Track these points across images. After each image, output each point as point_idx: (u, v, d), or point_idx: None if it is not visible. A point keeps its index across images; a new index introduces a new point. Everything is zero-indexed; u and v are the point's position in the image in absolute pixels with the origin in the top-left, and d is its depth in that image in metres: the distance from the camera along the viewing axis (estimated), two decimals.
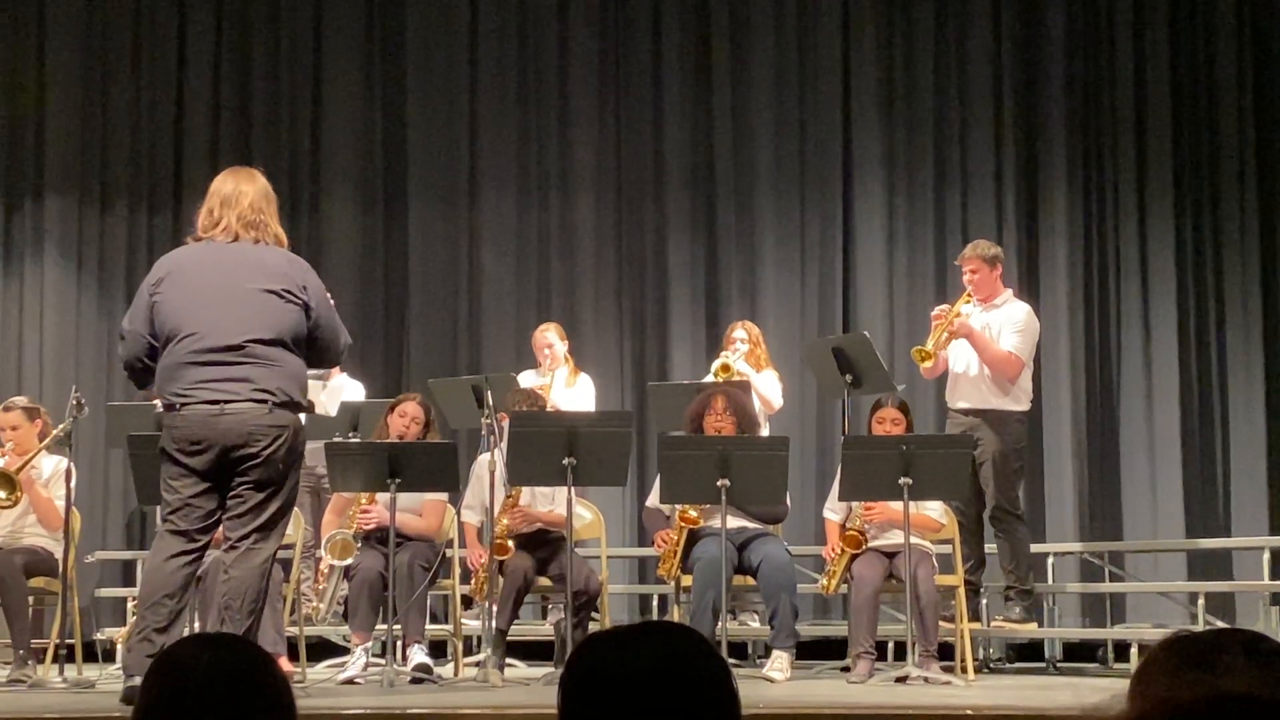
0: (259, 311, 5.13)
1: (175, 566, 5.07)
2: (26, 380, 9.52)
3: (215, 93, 10.06)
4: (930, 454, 6.46)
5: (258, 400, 5.06)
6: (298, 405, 5.18)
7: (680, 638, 1.87)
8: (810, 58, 10.03)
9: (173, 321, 5.13)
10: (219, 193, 5.29)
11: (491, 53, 10.13)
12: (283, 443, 5.09)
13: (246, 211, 5.23)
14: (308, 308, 5.22)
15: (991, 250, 7.62)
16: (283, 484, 5.16)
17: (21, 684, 6.29)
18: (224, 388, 5.06)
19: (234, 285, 5.14)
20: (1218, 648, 1.68)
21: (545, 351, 8.55)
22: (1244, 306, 9.69)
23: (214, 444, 5.05)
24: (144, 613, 5.07)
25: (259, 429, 5.06)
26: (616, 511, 9.07)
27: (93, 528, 9.00)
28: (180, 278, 5.19)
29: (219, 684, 1.95)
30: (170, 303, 5.15)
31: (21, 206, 9.89)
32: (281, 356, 5.14)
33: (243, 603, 5.05)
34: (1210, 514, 9.48)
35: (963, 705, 5.43)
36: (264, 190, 5.33)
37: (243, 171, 5.45)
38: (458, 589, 7.08)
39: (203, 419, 5.05)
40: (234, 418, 5.04)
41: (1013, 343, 7.42)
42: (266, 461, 5.07)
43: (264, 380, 5.08)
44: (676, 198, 9.99)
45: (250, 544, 5.10)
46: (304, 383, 5.25)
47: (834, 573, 6.79)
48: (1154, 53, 9.89)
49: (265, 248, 5.24)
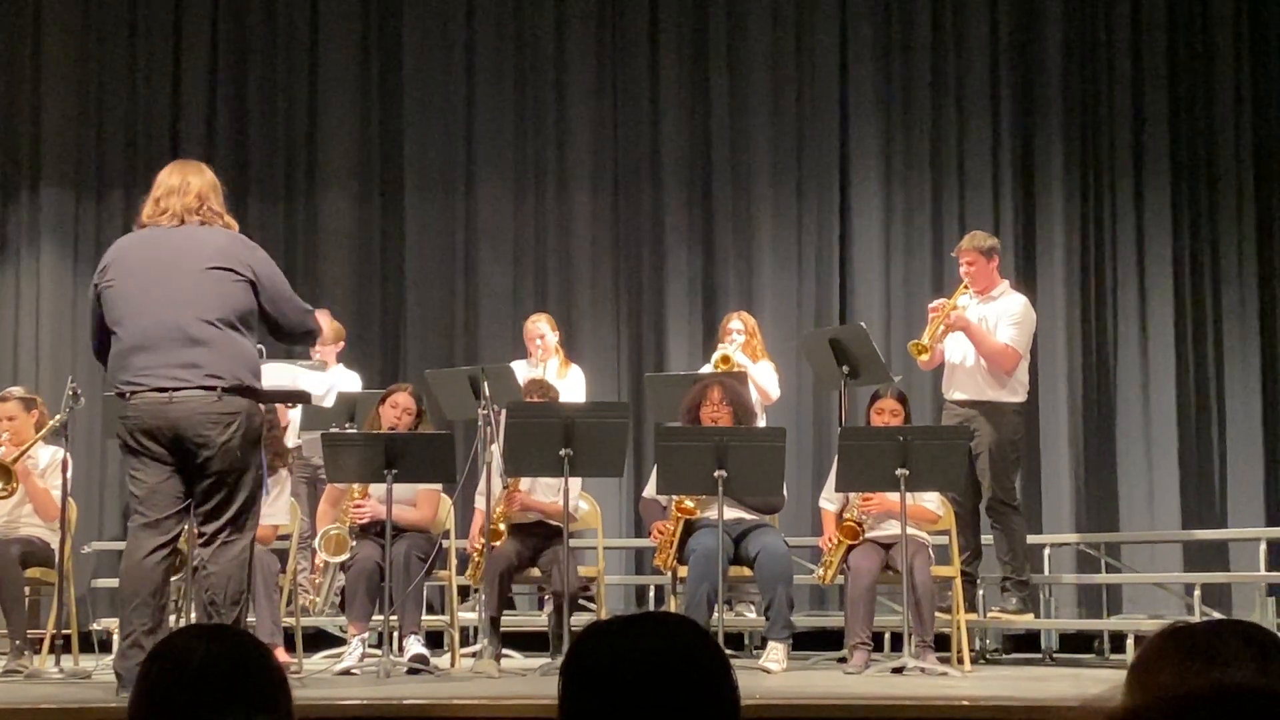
0: (205, 291, 5.05)
1: (153, 564, 5.03)
2: (23, 371, 9.51)
3: (211, 84, 10.04)
4: (927, 445, 6.46)
5: (207, 387, 4.99)
6: (249, 389, 5.09)
7: (681, 629, 1.87)
8: (807, 50, 10.02)
9: (119, 309, 5.09)
10: (165, 183, 5.24)
11: (488, 44, 10.11)
12: (235, 429, 5.02)
13: (193, 200, 5.17)
14: (255, 284, 5.13)
15: (988, 242, 7.62)
16: (244, 471, 5.09)
17: (18, 674, 6.29)
18: (172, 374, 5.00)
19: (178, 267, 5.08)
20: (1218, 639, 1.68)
21: (537, 342, 8.55)
22: (1240, 299, 9.70)
23: (166, 430, 5.00)
24: (128, 615, 5.02)
25: (209, 418, 4.99)
26: (613, 502, 9.07)
27: (89, 518, 9.00)
28: (124, 264, 5.15)
29: (215, 675, 1.95)
30: (116, 290, 5.11)
31: (18, 198, 9.88)
32: (230, 338, 5.06)
33: (225, 596, 5.02)
34: (1206, 505, 9.49)
35: (959, 696, 5.43)
36: (211, 181, 5.27)
37: (191, 164, 5.41)
38: (454, 580, 7.08)
39: (152, 407, 5.00)
40: (183, 406, 4.98)
41: (1009, 335, 7.42)
42: (223, 451, 5.00)
43: (213, 365, 5.01)
44: (673, 189, 9.98)
45: (225, 537, 5.07)
46: (255, 366, 5.16)
47: (830, 563, 6.79)
48: (1151, 47, 9.88)
49: (209, 229, 5.17)
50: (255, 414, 5.15)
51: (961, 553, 7.17)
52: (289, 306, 5.24)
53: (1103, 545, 8.95)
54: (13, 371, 9.51)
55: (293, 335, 5.38)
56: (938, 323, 7.38)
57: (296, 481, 7.78)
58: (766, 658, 6.49)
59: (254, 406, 5.14)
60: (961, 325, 7.38)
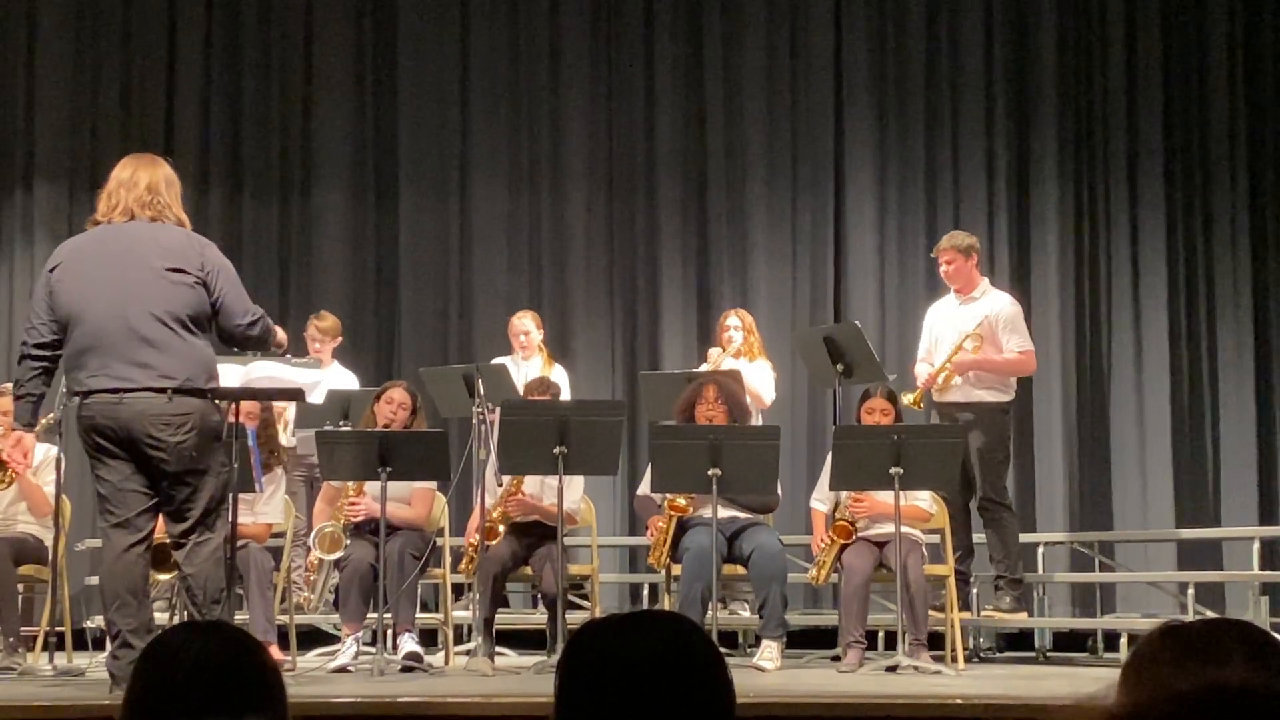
0: (156, 292, 4.99)
1: (128, 562, 4.99)
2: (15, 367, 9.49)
3: (206, 81, 10.04)
4: (921, 443, 6.46)
5: (157, 389, 4.94)
6: (200, 391, 5.02)
7: (676, 626, 1.88)
8: (802, 48, 10.03)
9: (70, 308, 5.03)
10: (117, 178, 5.18)
11: (483, 42, 10.11)
12: (189, 430, 4.96)
13: (144, 194, 5.10)
14: (207, 284, 5.06)
15: (966, 241, 7.64)
16: (204, 471, 5.03)
17: (11, 672, 6.28)
18: (123, 373, 4.94)
19: (129, 267, 5.01)
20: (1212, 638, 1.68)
21: (520, 338, 8.55)
22: (1234, 298, 9.71)
23: (119, 432, 4.95)
24: (112, 617, 4.98)
25: (160, 418, 4.94)
26: (607, 500, 9.08)
27: (82, 515, 8.97)
28: (76, 263, 5.09)
29: (209, 672, 1.94)
30: (66, 289, 5.05)
31: (12, 194, 9.87)
32: (180, 340, 5.00)
33: (205, 595, 4.99)
34: (1200, 504, 9.50)
35: (952, 694, 5.44)
36: (166, 175, 5.20)
37: (145, 157, 5.34)
38: (448, 578, 7.08)
39: (104, 407, 4.96)
40: (132, 407, 4.93)
41: (1017, 342, 7.46)
42: (177, 453, 4.95)
43: (164, 366, 4.95)
44: (667, 188, 9.98)
45: (196, 538, 5.03)
46: (209, 366, 5.08)
47: (824, 562, 6.79)
48: (1145, 42, 9.90)
49: (162, 226, 5.11)
50: (210, 413, 5.05)
51: (954, 551, 7.17)
52: (235, 306, 5.12)
53: (1096, 544, 8.96)
54: (6, 367, 9.49)
55: (231, 340, 5.24)
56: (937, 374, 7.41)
57: (293, 480, 7.78)
58: (760, 656, 6.49)
59: (208, 406, 5.05)
60: (967, 369, 7.40)
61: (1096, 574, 8.90)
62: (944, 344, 7.54)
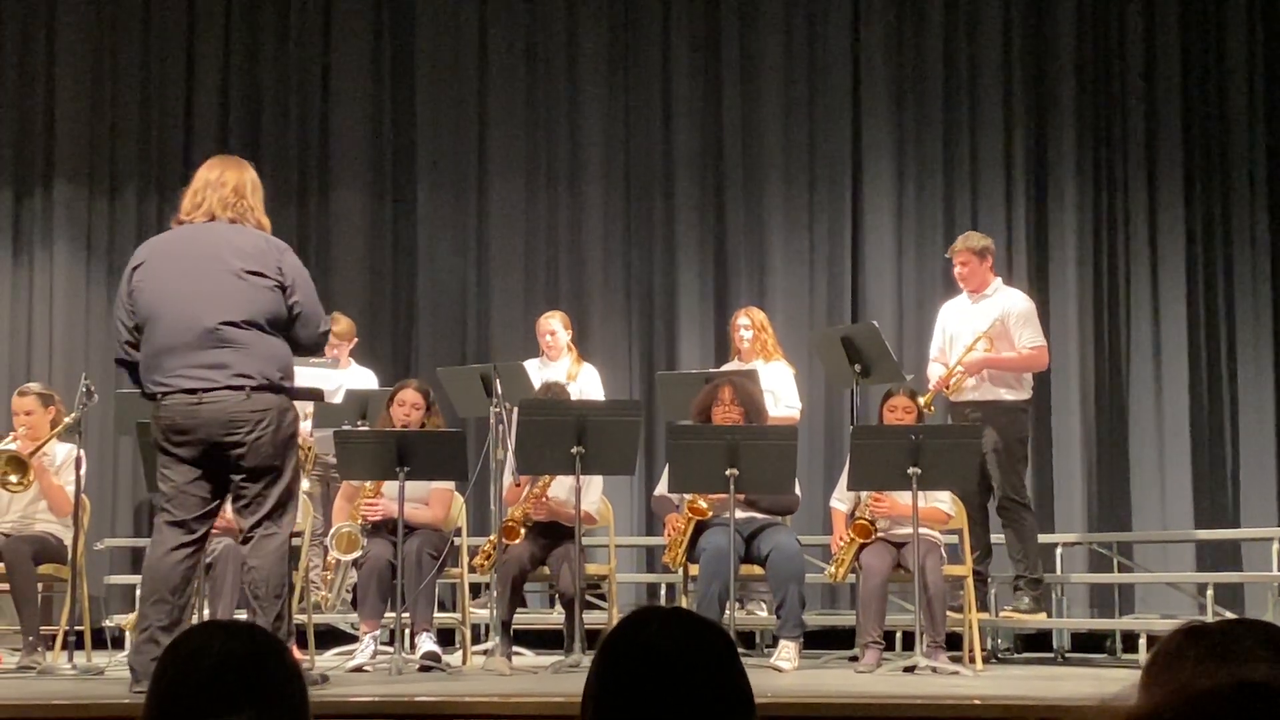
0: (233, 294, 5.06)
1: (175, 560, 5.05)
2: (36, 367, 9.54)
3: (224, 81, 10.06)
4: (939, 443, 6.46)
5: (235, 387, 5.01)
6: (279, 388, 5.10)
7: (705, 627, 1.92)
8: (820, 47, 10.02)
9: (149, 309, 5.09)
10: (204, 178, 5.24)
11: (500, 42, 10.12)
12: (266, 426, 5.04)
13: (229, 195, 5.17)
14: (285, 288, 5.14)
15: (981, 242, 7.65)
16: (280, 468, 5.12)
17: (31, 670, 6.30)
18: (201, 375, 5.01)
19: (208, 269, 5.08)
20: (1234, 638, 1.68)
21: (547, 338, 8.52)
22: (1254, 297, 9.67)
23: (197, 432, 5.02)
24: (146, 610, 5.06)
25: (239, 416, 5.01)
26: (625, 500, 9.08)
27: (102, 515, 9.02)
28: (156, 264, 5.15)
29: (231, 671, 1.95)
30: (147, 290, 5.11)
31: (31, 194, 9.90)
32: (257, 339, 5.07)
33: (268, 588, 5.06)
34: (1219, 505, 9.47)
35: (970, 695, 5.43)
36: (252, 179, 5.28)
37: (231, 159, 5.41)
38: (466, 577, 7.08)
39: (183, 409, 5.02)
40: (213, 406, 5.00)
41: (1029, 337, 7.46)
42: (253, 449, 5.03)
43: (241, 364, 5.02)
44: (685, 187, 9.98)
45: (263, 532, 5.10)
46: (286, 364, 5.16)
47: (842, 560, 6.78)
48: (1164, 42, 9.87)
49: (241, 229, 5.17)
50: (287, 410, 5.15)
51: (973, 552, 7.16)
52: (313, 320, 5.23)
53: (1115, 545, 8.94)
54: (26, 367, 9.54)
55: (300, 347, 5.32)
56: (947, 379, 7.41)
57: (312, 479, 7.80)
58: (778, 656, 6.49)
59: (285, 403, 5.15)
60: (979, 368, 7.40)
61: (1115, 575, 8.88)
62: (958, 343, 7.53)
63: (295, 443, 5.24)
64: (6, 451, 6.60)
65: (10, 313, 9.76)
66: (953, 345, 7.59)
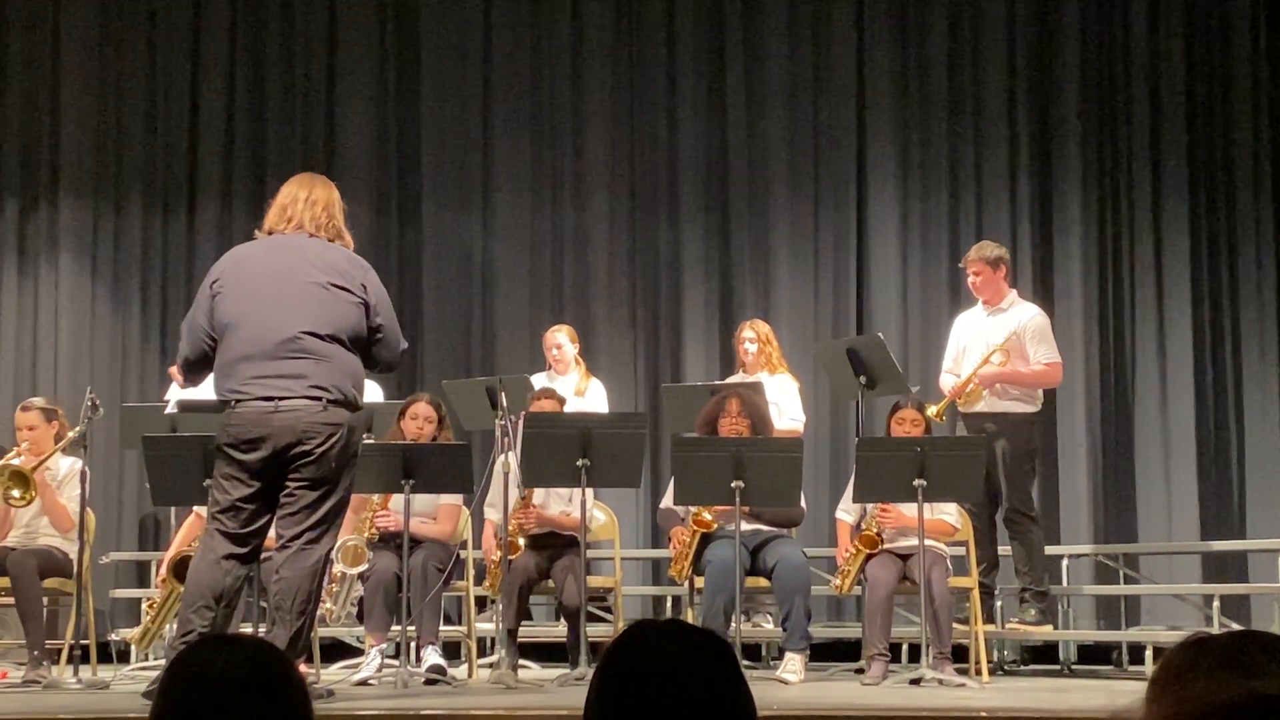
0: (316, 306, 5.08)
1: (224, 570, 5.03)
2: (41, 381, 9.55)
3: (229, 95, 10.08)
4: (945, 455, 6.44)
5: (312, 398, 5.02)
6: (353, 404, 5.13)
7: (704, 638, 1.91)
8: (824, 59, 10.03)
9: (229, 316, 5.10)
10: (293, 194, 5.30)
11: (505, 53, 10.13)
12: (336, 440, 5.05)
13: (320, 213, 5.24)
14: (368, 306, 5.17)
15: (995, 252, 7.61)
16: (336, 483, 5.12)
17: (36, 684, 6.30)
18: (278, 384, 5.02)
19: (292, 279, 5.10)
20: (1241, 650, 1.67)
21: (554, 352, 8.51)
22: (1259, 308, 9.67)
23: (268, 441, 5.02)
24: (188, 614, 5.02)
25: (313, 427, 5.02)
26: (630, 513, 9.07)
27: (107, 529, 9.02)
28: (239, 272, 5.17)
29: (235, 686, 1.94)
30: (228, 297, 5.12)
31: (37, 208, 9.92)
32: (337, 353, 5.09)
33: (293, 603, 5.03)
34: (1225, 516, 9.46)
35: (977, 707, 5.42)
36: (338, 198, 5.36)
37: (318, 177, 5.48)
38: (472, 590, 7.08)
39: (257, 415, 5.02)
40: (288, 415, 5.00)
41: (1044, 353, 7.44)
42: (320, 459, 5.03)
43: (319, 377, 5.04)
44: (690, 200, 9.99)
45: (302, 544, 5.07)
46: (360, 381, 5.20)
47: (848, 572, 6.77)
48: (1168, 51, 9.87)
49: (327, 244, 5.22)
50: (357, 428, 5.17)
51: (979, 564, 7.15)
52: (394, 339, 5.27)
53: (1121, 556, 8.93)
54: (31, 382, 9.54)
55: (379, 364, 5.35)
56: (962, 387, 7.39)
57: None
58: (784, 669, 6.48)
59: (356, 420, 5.16)
60: (993, 381, 7.38)
61: (1121, 586, 8.87)
62: (971, 355, 7.52)
63: (356, 461, 5.23)
64: (10, 466, 6.59)
65: (16, 326, 9.77)
66: (965, 357, 7.57)
